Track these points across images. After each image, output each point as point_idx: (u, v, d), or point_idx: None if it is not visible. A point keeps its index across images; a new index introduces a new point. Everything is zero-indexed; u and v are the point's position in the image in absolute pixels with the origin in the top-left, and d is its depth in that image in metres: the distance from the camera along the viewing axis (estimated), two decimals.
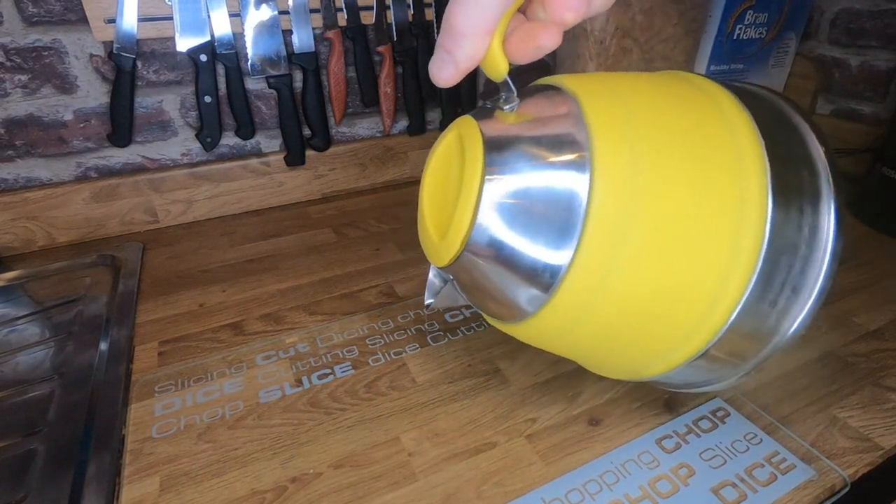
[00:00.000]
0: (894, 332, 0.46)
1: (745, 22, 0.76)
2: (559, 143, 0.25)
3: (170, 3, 0.58)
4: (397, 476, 0.34)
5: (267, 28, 0.63)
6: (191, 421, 0.39)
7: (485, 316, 0.33)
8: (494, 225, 0.25)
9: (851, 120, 0.82)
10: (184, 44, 0.60)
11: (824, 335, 0.46)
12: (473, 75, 0.78)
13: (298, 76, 0.68)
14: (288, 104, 0.68)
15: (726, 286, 0.26)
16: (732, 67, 0.80)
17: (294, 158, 0.71)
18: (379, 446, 0.36)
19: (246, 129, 0.68)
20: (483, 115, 0.28)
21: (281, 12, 0.63)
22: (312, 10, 0.65)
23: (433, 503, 0.33)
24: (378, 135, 0.78)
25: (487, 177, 0.25)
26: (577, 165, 0.24)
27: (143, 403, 0.40)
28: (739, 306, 0.26)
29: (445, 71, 0.23)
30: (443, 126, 0.80)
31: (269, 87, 0.67)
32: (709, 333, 0.27)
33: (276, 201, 0.73)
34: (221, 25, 0.61)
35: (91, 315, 0.51)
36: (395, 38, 0.71)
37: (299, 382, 0.42)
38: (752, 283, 0.25)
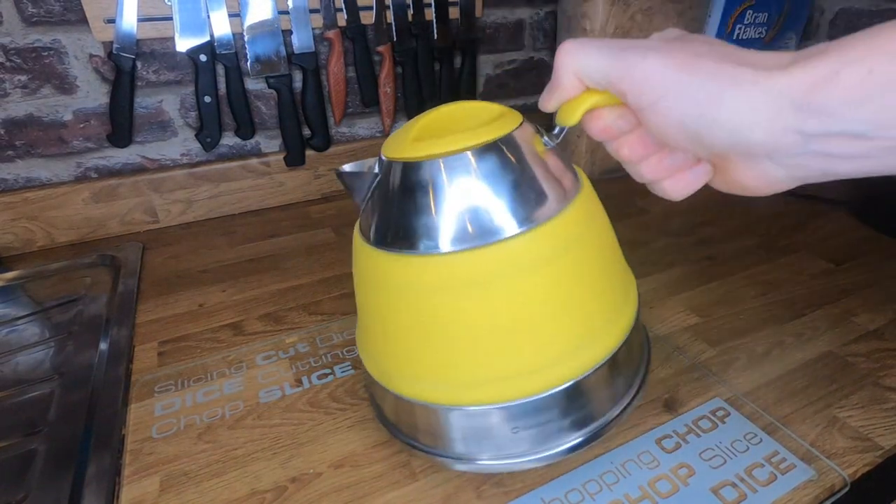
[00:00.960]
0: (894, 332, 0.46)
1: (745, 22, 0.76)
2: (542, 189, 0.29)
3: (169, 3, 0.58)
4: (397, 476, 0.34)
5: (267, 28, 0.63)
6: (191, 421, 0.39)
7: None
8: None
9: None
10: (183, 44, 0.60)
11: (824, 335, 0.46)
12: (474, 75, 0.78)
13: (298, 76, 0.68)
14: (288, 104, 0.68)
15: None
16: None
17: (294, 158, 0.71)
18: (379, 446, 0.36)
19: (246, 129, 0.68)
20: (528, 123, 0.31)
21: (281, 12, 0.63)
22: (312, 10, 0.65)
23: (433, 503, 0.33)
24: (378, 135, 0.78)
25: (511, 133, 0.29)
26: (558, 198, 0.29)
27: (143, 403, 0.40)
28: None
29: (545, 100, 0.27)
30: None
31: (269, 87, 0.67)
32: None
33: (276, 201, 0.73)
34: (221, 25, 0.61)
35: (91, 315, 0.51)
36: (395, 38, 0.71)
37: (299, 382, 0.42)
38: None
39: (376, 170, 0.30)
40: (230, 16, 0.61)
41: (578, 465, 0.34)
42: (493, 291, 0.27)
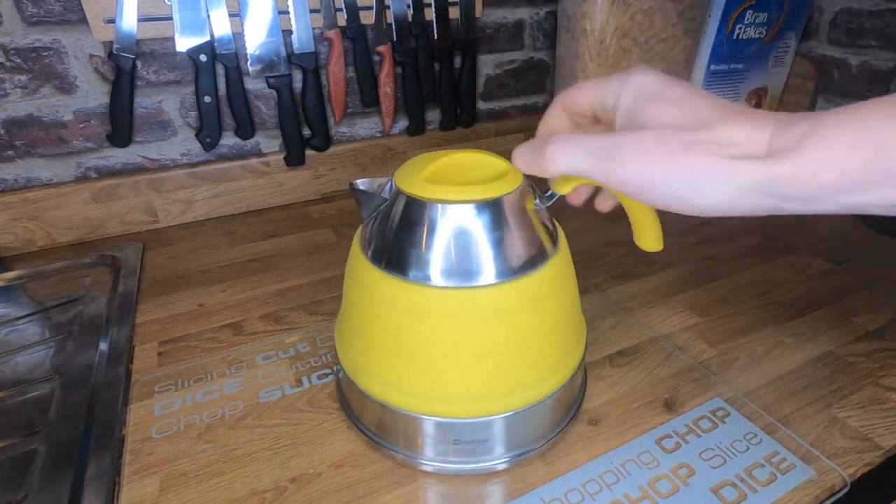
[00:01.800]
0: (894, 332, 0.46)
1: (745, 21, 0.76)
2: (522, 249, 0.32)
3: (169, 3, 0.58)
4: (397, 476, 0.34)
5: (267, 28, 0.63)
6: (191, 421, 0.39)
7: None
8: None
9: None
10: (183, 44, 0.60)
11: (824, 335, 0.46)
12: (473, 75, 0.78)
13: (298, 76, 0.68)
14: (288, 104, 0.68)
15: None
16: (732, 67, 0.80)
17: (294, 158, 0.71)
18: (379, 446, 0.36)
19: (246, 129, 0.68)
20: (527, 184, 0.33)
21: (281, 12, 0.63)
22: (312, 10, 0.65)
23: (433, 503, 0.33)
24: (378, 135, 0.78)
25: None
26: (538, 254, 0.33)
27: (143, 403, 0.40)
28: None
29: (523, 164, 0.29)
30: (442, 126, 0.80)
31: (269, 87, 0.67)
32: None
33: (276, 201, 0.73)
34: (221, 25, 0.61)
35: (91, 315, 0.51)
36: (395, 38, 0.71)
37: (299, 382, 0.42)
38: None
39: (386, 194, 0.33)
40: (230, 16, 0.61)
41: (578, 465, 0.34)
42: (463, 326, 0.31)
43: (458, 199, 0.30)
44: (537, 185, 0.34)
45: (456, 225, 0.30)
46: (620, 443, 0.36)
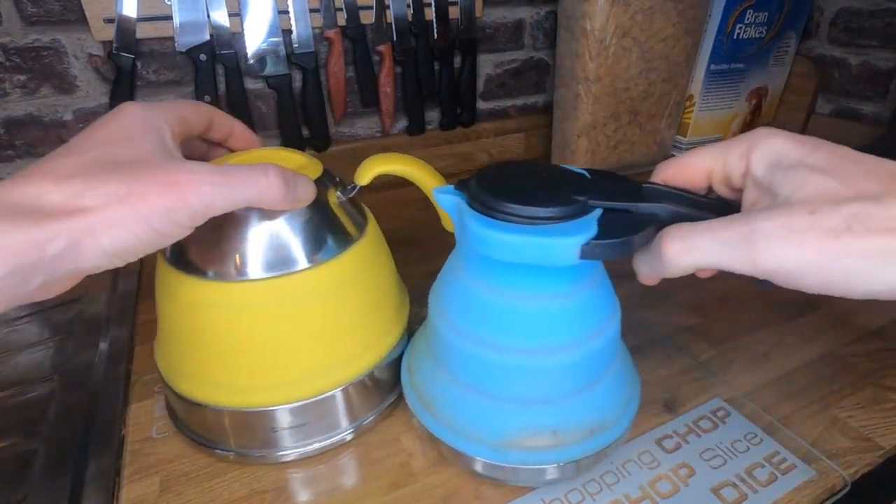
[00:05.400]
0: (894, 332, 0.46)
1: (745, 21, 0.76)
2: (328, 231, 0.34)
3: (169, 3, 0.58)
4: (397, 476, 0.34)
5: (267, 28, 0.63)
6: None
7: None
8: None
9: (851, 119, 0.82)
10: (183, 43, 0.60)
11: (824, 335, 0.46)
12: (473, 75, 0.78)
13: (298, 76, 0.68)
14: (287, 104, 0.68)
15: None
16: (732, 67, 0.80)
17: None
18: (379, 446, 0.36)
19: None
20: (328, 177, 0.35)
21: (281, 12, 0.63)
22: (312, 10, 0.65)
23: (433, 503, 0.33)
24: (377, 135, 0.78)
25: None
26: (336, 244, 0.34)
27: (143, 403, 0.40)
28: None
29: (647, 275, 0.27)
30: (442, 126, 0.80)
31: (269, 86, 0.67)
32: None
33: None
34: (221, 25, 0.61)
35: (91, 315, 0.51)
36: (395, 38, 0.71)
37: None
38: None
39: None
40: (230, 15, 0.61)
41: None
42: (272, 315, 0.32)
43: None
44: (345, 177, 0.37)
45: (246, 220, 0.30)
46: (620, 443, 0.36)
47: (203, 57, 0.61)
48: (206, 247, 0.31)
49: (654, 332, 0.47)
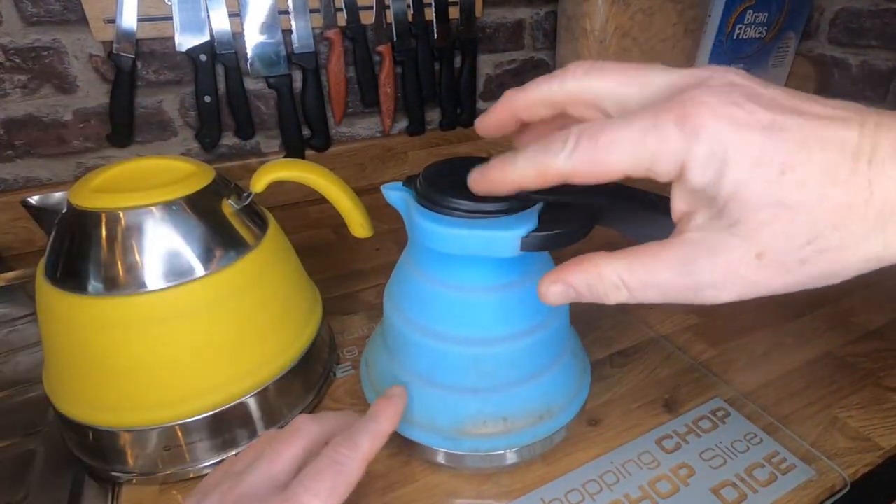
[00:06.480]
0: (894, 332, 0.46)
1: (745, 21, 0.76)
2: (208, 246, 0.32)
3: (169, 3, 0.58)
4: (397, 476, 0.34)
5: (267, 28, 0.63)
6: None
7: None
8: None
9: None
10: (183, 44, 0.60)
11: (824, 335, 0.46)
12: (473, 75, 0.78)
13: (298, 76, 0.68)
14: (287, 104, 0.68)
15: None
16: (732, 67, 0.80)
17: (293, 158, 0.71)
18: None
19: (245, 129, 0.68)
20: (220, 184, 0.35)
21: (281, 12, 0.63)
22: (312, 10, 0.65)
23: (433, 503, 0.33)
24: (378, 135, 0.78)
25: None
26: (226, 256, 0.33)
27: None
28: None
29: (555, 297, 0.22)
30: (442, 126, 0.80)
31: (269, 86, 0.67)
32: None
33: (276, 201, 0.73)
34: (221, 25, 0.61)
35: None
36: (395, 38, 0.71)
37: None
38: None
39: (65, 209, 0.32)
40: (230, 15, 0.61)
41: (579, 465, 0.34)
42: (169, 328, 0.31)
43: (120, 207, 0.30)
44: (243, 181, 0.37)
45: (124, 232, 0.30)
46: (620, 443, 0.36)
47: (203, 57, 0.61)
48: (78, 261, 0.30)
49: (654, 332, 0.47)
